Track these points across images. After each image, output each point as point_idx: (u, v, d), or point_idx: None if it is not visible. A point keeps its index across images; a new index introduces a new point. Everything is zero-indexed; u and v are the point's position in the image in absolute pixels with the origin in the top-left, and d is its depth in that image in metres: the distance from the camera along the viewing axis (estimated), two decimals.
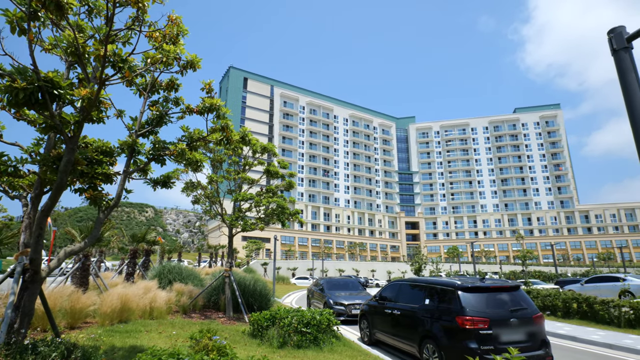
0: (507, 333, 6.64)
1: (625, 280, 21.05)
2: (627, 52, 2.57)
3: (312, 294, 17.57)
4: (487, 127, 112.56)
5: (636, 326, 12.32)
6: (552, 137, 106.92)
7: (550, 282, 39.58)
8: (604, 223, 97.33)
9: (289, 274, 64.02)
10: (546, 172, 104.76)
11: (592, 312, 13.94)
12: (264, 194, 13.63)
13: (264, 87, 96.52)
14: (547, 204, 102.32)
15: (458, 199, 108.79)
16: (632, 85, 2.49)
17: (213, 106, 5.94)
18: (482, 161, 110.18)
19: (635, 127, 2.44)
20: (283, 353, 7.72)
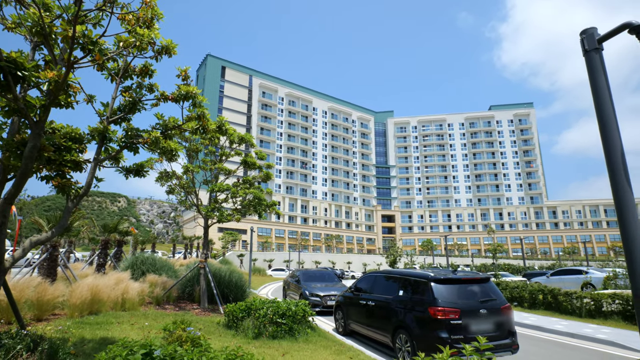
0: (476, 323, 6.85)
1: (588, 273, 22.13)
2: (598, 53, 2.66)
3: (288, 286, 17.61)
4: (463, 123, 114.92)
5: (596, 316, 12.96)
6: (525, 135, 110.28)
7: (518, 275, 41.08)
8: (570, 219, 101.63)
9: (265, 265, 63.88)
10: (518, 169, 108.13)
11: (557, 303, 14.56)
12: (240, 185, 13.48)
13: (242, 76, 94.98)
14: (517, 200, 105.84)
15: (433, 193, 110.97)
16: (601, 85, 2.57)
17: (189, 94, 5.79)
18: (457, 157, 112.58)
19: (603, 126, 2.53)
20: (258, 344, 7.71)
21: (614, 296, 12.77)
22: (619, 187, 2.40)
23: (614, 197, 2.43)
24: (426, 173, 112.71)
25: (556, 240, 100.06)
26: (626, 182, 2.38)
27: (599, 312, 12.98)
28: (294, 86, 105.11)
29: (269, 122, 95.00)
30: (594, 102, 2.57)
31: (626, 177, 2.38)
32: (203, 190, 14.07)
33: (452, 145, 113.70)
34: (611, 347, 9.20)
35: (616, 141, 2.47)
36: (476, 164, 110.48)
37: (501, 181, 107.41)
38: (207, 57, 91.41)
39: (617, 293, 13.02)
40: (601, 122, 2.52)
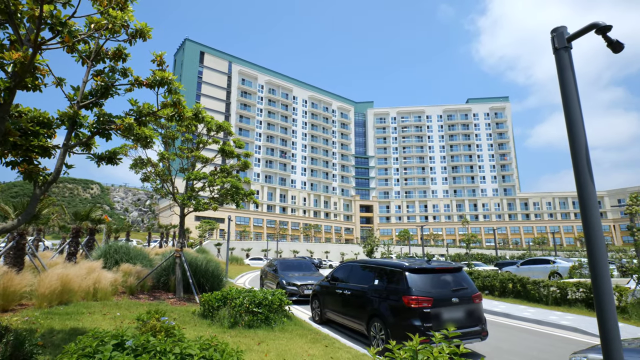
0: (448, 311, 7.06)
1: (555, 262, 23.11)
2: (567, 52, 2.73)
3: (265, 275, 17.63)
4: (441, 115, 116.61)
5: (561, 304, 13.56)
6: (500, 128, 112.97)
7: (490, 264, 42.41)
8: (541, 210, 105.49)
9: (243, 254, 63.64)
10: (493, 161, 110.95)
11: (525, 291, 15.14)
12: (218, 173, 13.31)
13: (221, 62, 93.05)
14: (492, 192, 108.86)
15: (411, 184, 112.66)
16: (569, 82, 2.66)
17: (164, 80, 5.63)
18: (435, 148, 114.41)
19: (570, 122, 2.61)
20: (234, 333, 7.72)
21: (578, 285, 13.37)
22: (582, 181, 2.50)
23: (578, 190, 2.53)
24: (404, 164, 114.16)
25: (527, 231, 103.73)
26: (589, 177, 2.48)
27: (564, 300, 13.58)
28: (274, 74, 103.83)
29: (248, 110, 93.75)
30: (562, 98, 2.65)
31: (589, 171, 2.48)
32: (179, 178, 13.83)
33: (430, 137, 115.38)
34: (574, 333, 9.66)
35: (581, 137, 2.56)
36: (453, 156, 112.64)
37: (476, 173, 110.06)
38: (186, 42, 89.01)
39: (581, 282, 13.65)
40: (568, 118, 2.61)
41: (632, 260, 17.78)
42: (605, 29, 2.66)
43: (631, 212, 14.57)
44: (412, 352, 2.80)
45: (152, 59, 5.80)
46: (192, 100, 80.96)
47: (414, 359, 2.76)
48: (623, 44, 2.72)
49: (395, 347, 2.87)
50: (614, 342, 2.39)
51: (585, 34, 2.70)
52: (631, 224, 13.95)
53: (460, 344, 2.83)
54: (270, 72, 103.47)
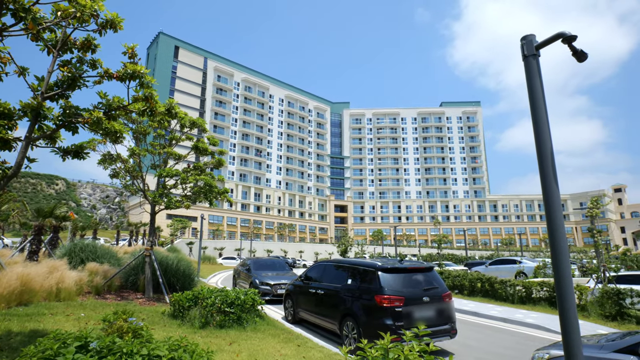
0: (419, 310, 7.19)
1: (521, 263, 23.99)
2: (535, 59, 2.83)
3: (238, 274, 17.44)
4: (415, 118, 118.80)
5: (526, 302, 14.07)
6: (472, 131, 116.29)
7: (460, 264, 43.55)
8: (509, 212, 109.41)
9: (215, 253, 62.69)
10: (464, 164, 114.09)
11: (493, 290, 15.63)
12: (191, 170, 13.04)
13: (196, 58, 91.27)
14: (463, 193, 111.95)
15: (385, 185, 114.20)
16: (537, 89, 2.75)
17: (136, 73, 5.45)
18: (409, 150, 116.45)
19: (537, 127, 2.71)
20: (205, 333, 7.59)
21: (542, 284, 13.92)
22: (548, 184, 2.60)
23: (543, 193, 2.63)
24: (379, 165, 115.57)
25: (495, 232, 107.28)
26: (554, 180, 2.58)
27: (529, 298, 14.10)
28: (250, 72, 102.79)
29: (223, 107, 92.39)
30: (529, 104, 2.75)
31: (554, 175, 2.58)
32: (151, 174, 13.48)
33: (404, 138, 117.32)
34: (538, 330, 10.05)
35: (547, 142, 2.66)
36: (426, 158, 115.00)
37: (449, 175, 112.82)
38: (160, 35, 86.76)
39: (545, 281, 14.22)
40: (535, 123, 2.70)
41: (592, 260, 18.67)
42: (571, 39, 2.77)
43: (591, 215, 15.28)
44: (383, 350, 2.83)
45: (123, 51, 5.61)
46: (166, 95, 79.02)
47: (385, 357, 2.79)
48: (587, 53, 2.84)
49: (366, 346, 2.90)
50: (574, 339, 2.49)
51: (552, 42, 2.81)
52: (591, 226, 14.63)
53: (430, 342, 2.89)
54: (246, 69, 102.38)
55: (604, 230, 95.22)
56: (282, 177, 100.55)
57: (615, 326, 10.35)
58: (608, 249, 42.37)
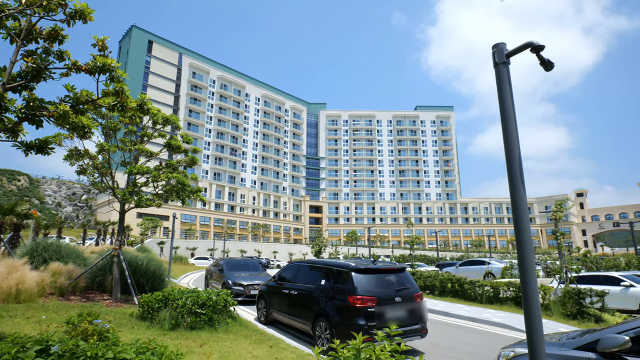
0: (391, 310, 7.29)
1: (490, 264, 24.75)
2: (505, 67, 2.93)
3: (210, 275, 17.18)
4: (390, 120, 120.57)
5: (494, 302, 14.51)
6: (445, 135, 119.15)
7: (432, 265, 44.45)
8: (479, 214, 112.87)
9: (188, 253, 61.46)
10: (437, 167, 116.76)
11: (462, 290, 16.03)
12: (163, 168, 12.73)
13: (171, 53, 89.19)
14: (435, 196, 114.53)
15: (360, 186, 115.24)
16: (506, 96, 2.85)
17: (106, 66, 5.26)
18: (384, 152, 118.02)
19: (506, 132, 2.80)
20: (174, 335, 7.41)
21: (509, 284, 14.39)
22: (515, 188, 2.69)
23: (511, 197, 2.72)
24: (354, 166, 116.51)
25: (466, 234, 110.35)
26: (521, 184, 2.67)
27: (496, 298, 14.55)
28: (227, 69, 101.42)
29: (198, 105, 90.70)
30: (500, 110, 2.84)
31: (521, 179, 2.67)
32: (120, 172, 13.05)
33: (379, 140, 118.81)
34: (504, 329, 10.39)
35: (515, 147, 2.75)
36: (400, 160, 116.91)
37: (422, 177, 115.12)
38: (132, 29, 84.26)
39: (511, 282, 14.71)
40: (504, 129, 2.79)
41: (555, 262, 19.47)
42: (539, 49, 2.88)
43: (556, 218, 15.95)
44: (355, 350, 2.85)
45: (93, 43, 5.41)
46: (138, 90, 76.78)
47: (357, 357, 2.81)
48: (553, 63, 2.97)
49: (339, 346, 2.91)
50: (537, 337, 2.59)
51: (521, 51, 2.91)
52: (555, 228, 15.27)
53: (401, 342, 2.93)
54: (223, 67, 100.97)
55: (566, 232, 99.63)
56: (257, 177, 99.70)
57: (576, 324, 10.83)
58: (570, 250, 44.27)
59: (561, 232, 15.21)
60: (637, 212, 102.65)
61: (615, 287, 13.94)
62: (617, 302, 13.51)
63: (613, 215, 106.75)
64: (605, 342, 3.29)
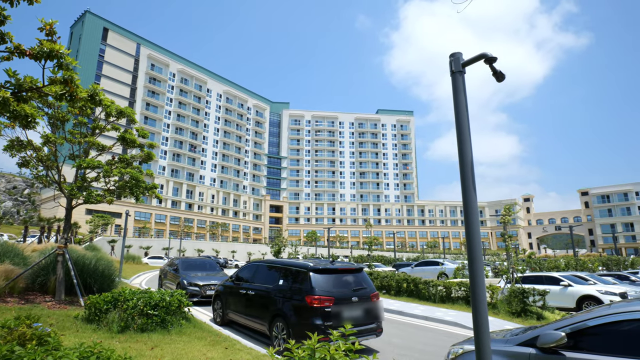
0: (348, 310, 7.38)
1: (443, 264, 25.75)
2: (461, 76, 3.06)
3: (165, 275, 16.62)
4: (353, 122, 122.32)
5: (446, 301, 15.09)
6: (404, 139, 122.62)
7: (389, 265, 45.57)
8: (434, 217, 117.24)
9: (141, 252, 59.04)
10: (396, 170, 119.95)
11: (417, 290, 16.53)
12: (116, 163, 12.13)
13: (128, 43, 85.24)
14: (394, 198, 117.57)
15: (321, 187, 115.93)
16: (461, 103, 2.97)
17: (54, 52, 4.92)
18: (345, 154, 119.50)
19: (460, 138, 2.91)
20: (123, 338, 7.08)
21: (460, 284, 15.02)
22: (467, 192, 2.81)
23: (463, 200, 2.84)
24: (316, 167, 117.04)
25: (422, 235, 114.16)
26: (472, 188, 2.80)
27: (449, 297, 15.14)
28: (188, 63, 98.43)
29: (156, 98, 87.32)
30: (454, 117, 2.95)
31: (473, 183, 2.79)
32: (68, 165, 12.31)
33: (341, 142, 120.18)
34: (455, 327, 10.82)
35: (468, 152, 2.88)
36: (361, 162, 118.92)
37: (382, 180, 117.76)
38: (86, 14, 79.66)
39: (463, 282, 15.37)
40: (458, 135, 2.91)
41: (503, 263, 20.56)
42: (492, 60, 3.03)
43: (504, 222, 16.83)
44: (310, 350, 2.85)
45: (39, 27, 5.05)
46: (91, 79, 72.72)
47: (312, 357, 2.81)
48: (504, 74, 3.13)
49: (294, 347, 2.90)
50: (484, 334, 2.72)
51: (476, 61, 3.05)
52: (504, 231, 16.11)
53: (356, 341, 2.97)
54: (184, 60, 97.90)
55: (514, 235, 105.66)
56: (217, 175, 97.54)
57: (520, 322, 11.49)
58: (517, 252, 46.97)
59: (509, 235, 16.07)
60: (576, 217, 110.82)
61: (556, 286, 14.97)
62: (557, 301, 14.50)
63: (555, 220, 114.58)
64: (544, 338, 3.51)
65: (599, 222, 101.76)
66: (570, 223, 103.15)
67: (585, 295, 14.28)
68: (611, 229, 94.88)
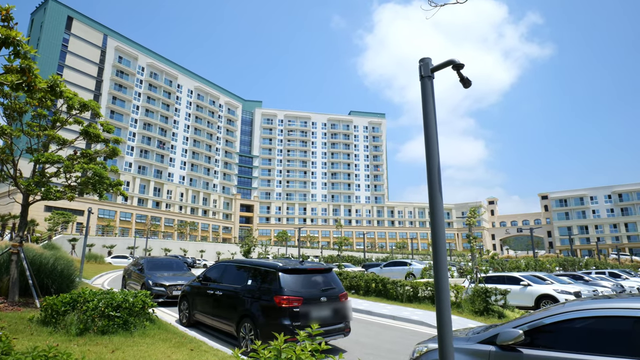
0: (316, 310, 7.39)
1: (411, 265, 26.31)
2: (430, 81, 3.13)
3: (129, 275, 16.11)
4: (325, 123, 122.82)
5: (413, 301, 15.40)
6: (376, 141, 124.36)
7: (359, 266, 46.02)
8: (404, 218, 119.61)
9: (104, 252, 56.85)
10: (367, 171, 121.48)
11: (385, 290, 16.78)
12: (78, 158, 11.62)
13: (95, 34, 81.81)
14: (365, 199, 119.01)
15: (292, 186, 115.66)
16: (429, 107, 3.03)
17: (10, 39, 4.65)
18: (317, 154, 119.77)
19: (427, 142, 2.98)
20: (82, 341, 6.79)
21: (427, 284, 15.38)
22: (433, 194, 2.87)
23: (430, 202, 2.90)
24: (288, 167, 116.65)
25: (391, 236, 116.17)
26: (439, 191, 2.86)
27: (416, 297, 15.46)
28: (158, 57, 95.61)
29: (124, 92, 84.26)
30: (423, 121, 3.02)
31: (439, 186, 2.86)
32: (25, 159, 11.69)
33: (313, 142, 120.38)
34: (421, 326, 11.07)
35: (435, 156, 2.95)
36: (333, 163, 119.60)
37: (353, 181, 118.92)
38: (48, 1, 75.85)
39: (429, 282, 15.74)
40: (426, 138, 2.97)
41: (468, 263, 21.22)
42: (459, 66, 3.12)
43: (470, 224, 17.38)
44: (276, 351, 2.83)
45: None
46: (52, 69, 69.27)
47: (278, 357, 2.79)
48: (471, 81, 3.23)
49: (260, 347, 2.87)
50: (447, 333, 2.79)
51: (444, 67, 3.13)
52: (469, 233, 16.63)
53: (322, 341, 2.97)
54: (154, 54, 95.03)
55: (479, 236, 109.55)
56: (187, 173, 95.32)
57: (483, 320, 11.89)
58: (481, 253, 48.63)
59: (474, 236, 16.61)
60: (536, 219, 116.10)
61: (516, 286, 15.61)
62: (517, 300, 15.12)
63: (517, 222, 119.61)
64: (503, 336, 3.65)
65: (557, 224, 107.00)
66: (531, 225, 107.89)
67: (543, 295, 14.98)
68: (568, 231, 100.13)
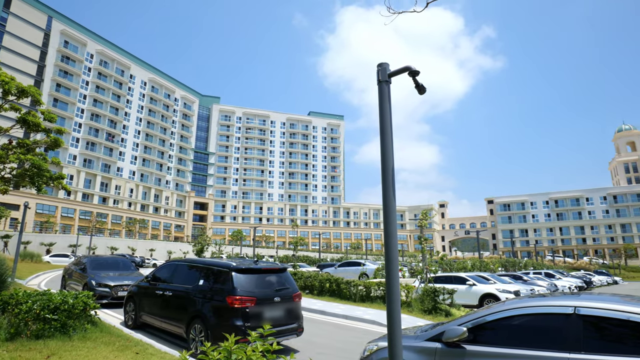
0: (270, 310, 7.34)
1: (365, 265, 26.84)
2: (387, 85, 3.21)
3: (70, 275, 15.11)
4: (284, 123, 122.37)
5: (366, 300, 15.71)
6: (334, 143, 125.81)
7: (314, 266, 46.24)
8: (359, 219, 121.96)
9: (43, 250, 52.97)
10: (325, 172, 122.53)
11: (339, 290, 16.98)
12: (14, 148, 10.74)
13: (38, 15, 75.92)
14: (321, 199, 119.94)
15: (249, 185, 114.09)
16: (386, 112, 3.12)
17: None
18: (275, 153, 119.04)
19: (383, 145, 3.06)
20: (13, 346, 6.28)
21: (379, 284, 15.75)
22: (387, 196, 2.95)
23: (383, 204, 2.98)
24: (245, 165, 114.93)
25: (347, 237, 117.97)
26: (392, 193, 2.95)
27: (368, 297, 15.78)
28: (109, 45, 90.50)
29: (69, 80, 78.89)
30: (379, 124, 3.09)
31: (393, 188, 2.95)
32: None
33: (272, 141, 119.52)
34: (373, 325, 11.32)
35: (390, 159, 3.03)
36: (291, 163, 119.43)
37: (310, 181, 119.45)
38: None
39: (382, 282, 16.15)
40: (382, 141, 3.05)
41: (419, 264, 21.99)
42: (415, 73, 3.23)
43: (421, 225, 18.01)
44: (226, 352, 2.78)
45: None
46: None
47: (228, 359, 2.74)
48: (425, 88, 3.36)
49: (209, 349, 2.80)
50: (396, 331, 2.88)
51: (401, 73, 3.23)
52: (420, 234, 17.23)
53: (274, 341, 2.96)
54: (104, 41, 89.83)
55: (429, 238, 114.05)
56: (138, 167, 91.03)
57: (431, 319, 12.37)
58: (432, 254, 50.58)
59: (425, 238, 17.24)
60: (482, 222, 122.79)
61: (462, 285, 16.41)
62: (463, 299, 15.90)
63: (465, 225, 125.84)
64: (448, 333, 3.82)
65: (501, 227, 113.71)
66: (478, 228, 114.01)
67: (486, 294, 15.87)
68: (510, 234, 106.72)
